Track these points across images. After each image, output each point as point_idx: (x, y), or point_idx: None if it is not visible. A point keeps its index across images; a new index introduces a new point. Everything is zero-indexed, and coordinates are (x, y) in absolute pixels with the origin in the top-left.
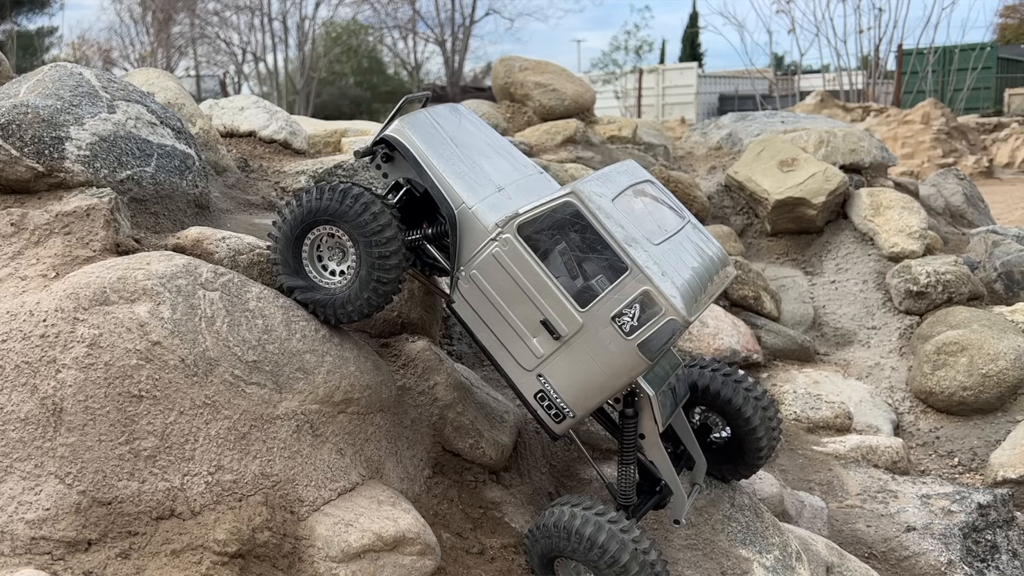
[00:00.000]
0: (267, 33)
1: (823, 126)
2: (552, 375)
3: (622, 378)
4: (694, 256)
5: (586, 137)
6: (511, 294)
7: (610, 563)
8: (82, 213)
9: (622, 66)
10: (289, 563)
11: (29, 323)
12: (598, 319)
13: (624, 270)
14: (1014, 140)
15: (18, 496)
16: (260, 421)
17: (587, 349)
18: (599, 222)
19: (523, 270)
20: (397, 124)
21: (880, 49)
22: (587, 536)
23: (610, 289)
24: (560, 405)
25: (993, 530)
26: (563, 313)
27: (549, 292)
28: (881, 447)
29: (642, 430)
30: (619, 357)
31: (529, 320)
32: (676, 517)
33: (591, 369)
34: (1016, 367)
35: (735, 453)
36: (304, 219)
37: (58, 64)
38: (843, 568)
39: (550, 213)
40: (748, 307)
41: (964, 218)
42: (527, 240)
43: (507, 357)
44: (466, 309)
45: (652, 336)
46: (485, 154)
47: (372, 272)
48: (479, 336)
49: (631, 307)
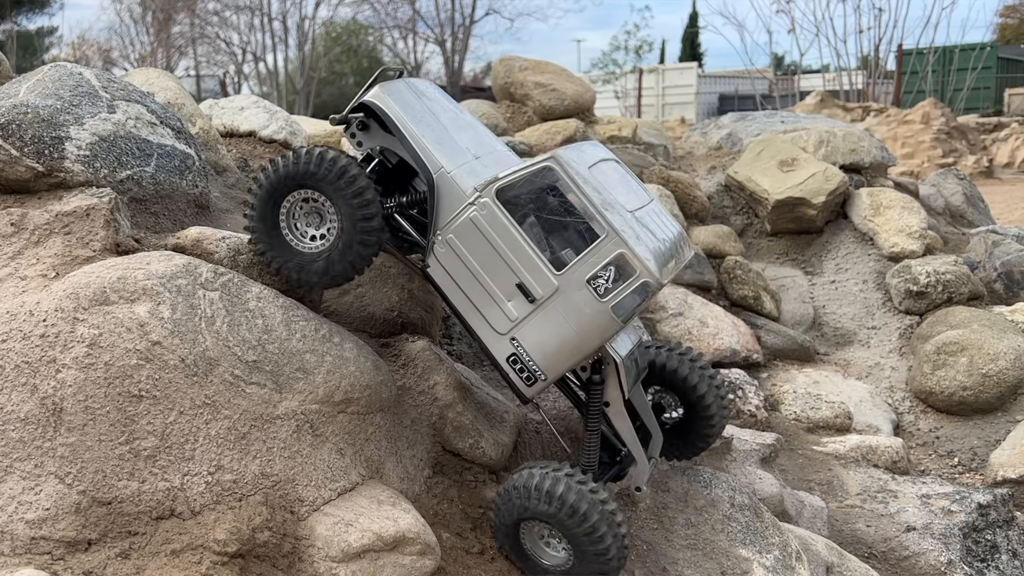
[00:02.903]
0: (267, 33)
1: (823, 126)
2: (525, 338)
3: (595, 340)
4: (661, 228)
5: (586, 137)
6: (487, 258)
7: (579, 522)
8: (82, 213)
9: (622, 66)
10: (289, 563)
11: (29, 323)
12: (573, 282)
13: (601, 233)
14: (1014, 140)
15: (18, 496)
16: (260, 421)
17: (561, 311)
18: (578, 187)
19: (500, 234)
20: (376, 91)
21: (880, 49)
22: (557, 495)
23: (587, 252)
24: (532, 368)
25: (993, 530)
26: (539, 276)
27: (525, 255)
28: (881, 447)
29: (607, 398)
30: (593, 319)
31: (504, 283)
32: (638, 484)
33: (565, 331)
34: (1016, 367)
35: (686, 432)
36: (282, 183)
37: (58, 64)
38: (843, 568)
39: (530, 178)
40: (748, 307)
41: (964, 218)
42: (505, 204)
43: (481, 321)
44: (441, 274)
45: (626, 298)
46: (459, 126)
47: (355, 236)
48: (453, 300)
49: (606, 270)
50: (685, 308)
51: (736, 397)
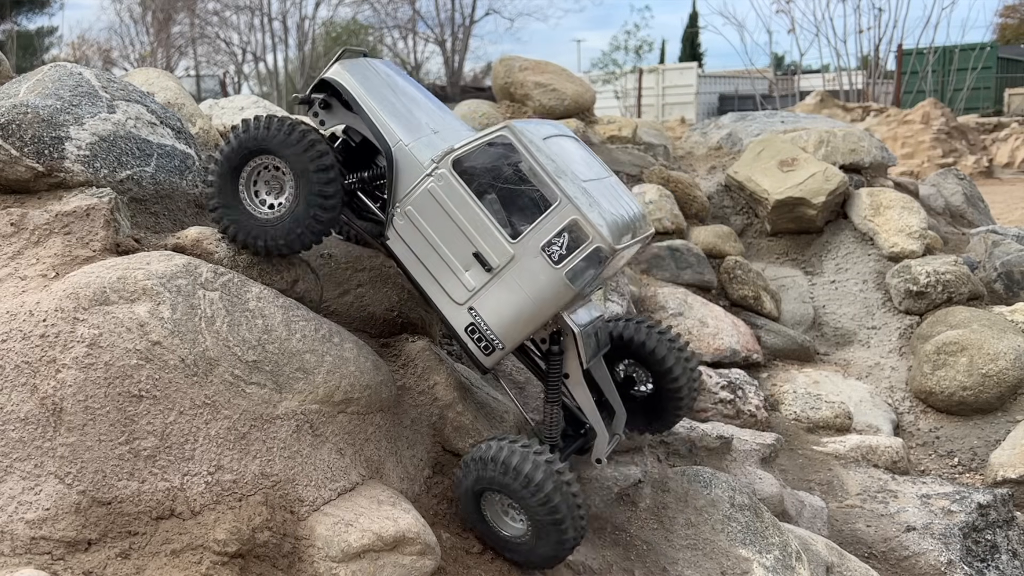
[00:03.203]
0: (267, 33)
1: (823, 126)
2: (483, 308)
3: (550, 307)
4: (618, 201)
5: (586, 137)
6: (445, 228)
7: (534, 492)
8: (82, 213)
9: (622, 66)
10: (289, 563)
11: (29, 323)
12: (528, 249)
13: (554, 201)
14: (1014, 140)
15: (18, 496)
16: (260, 421)
17: (518, 280)
18: (531, 155)
19: (457, 204)
20: (336, 67)
21: (880, 49)
22: (514, 466)
23: (541, 219)
24: (490, 337)
25: (993, 530)
26: (495, 245)
27: (482, 225)
28: (881, 447)
29: (567, 369)
30: (548, 286)
31: (462, 253)
32: (598, 456)
33: (521, 300)
34: (1016, 367)
35: (657, 406)
36: (246, 147)
37: (58, 64)
38: (843, 568)
39: (485, 147)
40: (748, 307)
41: (964, 218)
42: (462, 175)
43: (439, 292)
44: (400, 246)
45: (579, 264)
46: (419, 103)
47: (310, 208)
48: (413, 272)
49: (560, 236)
50: (685, 308)
51: (736, 397)
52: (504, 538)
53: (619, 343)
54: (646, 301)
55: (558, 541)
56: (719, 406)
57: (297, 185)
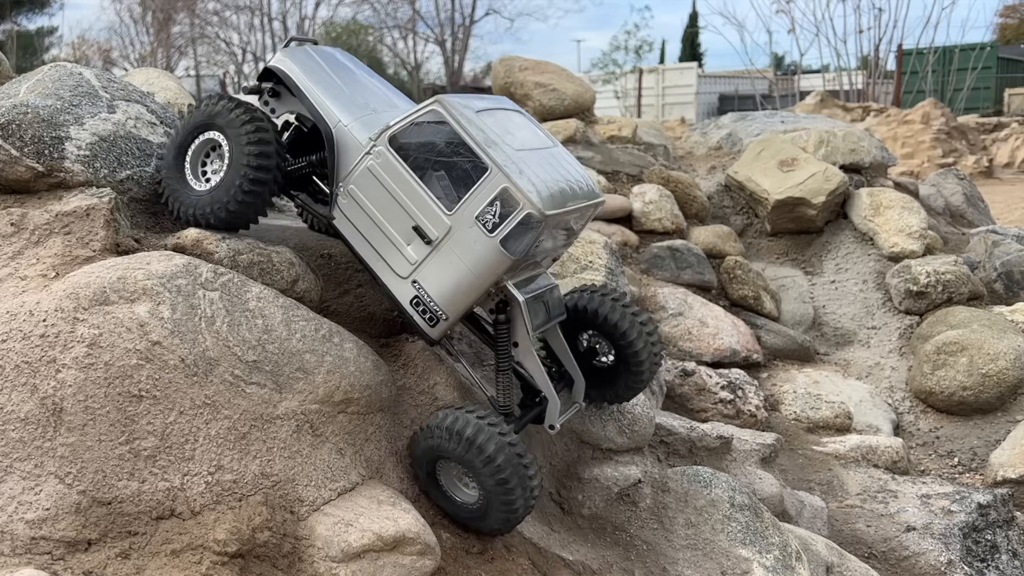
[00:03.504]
0: (267, 33)
1: (823, 126)
2: (426, 280)
3: (488, 276)
4: (558, 170)
5: (586, 137)
6: (385, 204)
7: (486, 462)
8: (82, 213)
9: (622, 66)
10: (289, 563)
11: (29, 323)
12: (464, 220)
13: (485, 170)
14: (1014, 140)
15: (18, 496)
16: (260, 421)
17: (456, 251)
18: (461, 126)
19: (395, 179)
20: (278, 55)
21: (880, 49)
22: (467, 436)
23: (473, 189)
24: (434, 309)
25: (993, 530)
26: (433, 217)
27: (419, 198)
28: (881, 447)
29: (515, 338)
30: (484, 255)
31: (403, 228)
32: (551, 423)
33: (460, 270)
34: (1016, 367)
35: (618, 377)
36: (194, 123)
37: (58, 64)
38: (843, 568)
39: (418, 121)
40: (748, 307)
41: (964, 218)
42: (398, 151)
43: (384, 267)
44: (345, 224)
45: (512, 231)
46: (360, 85)
47: (236, 179)
48: (359, 250)
49: (492, 205)
50: (685, 308)
51: (736, 397)
52: (457, 503)
53: (581, 314)
54: (646, 301)
55: (508, 511)
56: (719, 406)
57: (231, 158)
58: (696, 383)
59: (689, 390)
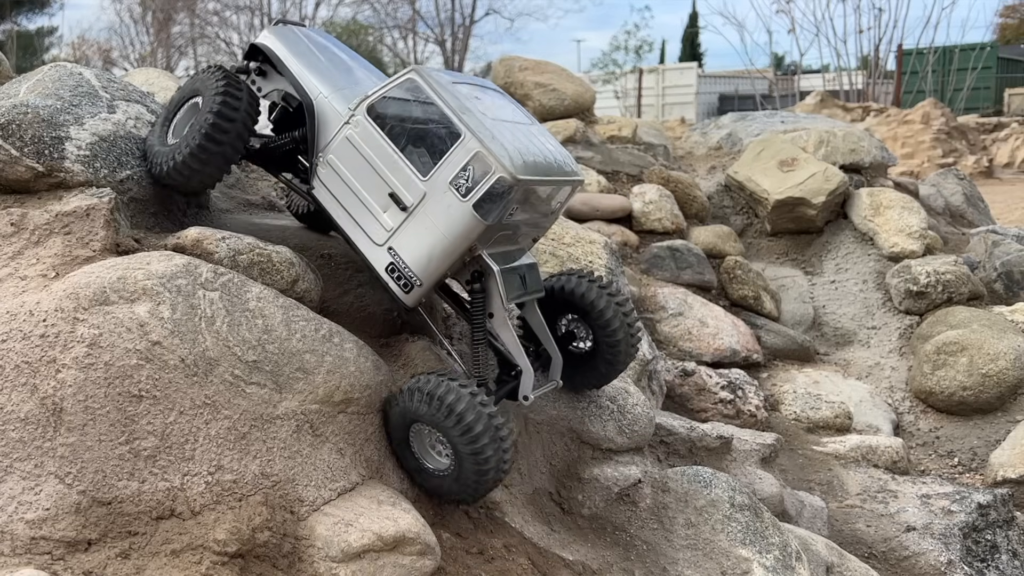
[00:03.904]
0: None
1: (823, 126)
2: (401, 247)
3: (462, 242)
4: (534, 144)
5: (586, 137)
6: (363, 172)
7: (463, 429)
8: (82, 213)
9: (622, 66)
10: (289, 563)
11: (29, 323)
12: (438, 186)
13: (458, 136)
14: (1014, 140)
15: (18, 496)
16: (260, 421)
17: (431, 217)
18: (437, 93)
19: (373, 148)
20: (264, 32)
21: (880, 49)
22: (447, 403)
23: (447, 155)
24: (408, 275)
25: (993, 530)
26: (408, 184)
27: (395, 165)
28: (881, 447)
29: (490, 309)
30: (458, 220)
31: (379, 195)
32: (524, 393)
33: (435, 236)
34: (1016, 367)
35: (594, 362)
36: (182, 94)
37: (58, 64)
38: (843, 568)
39: (395, 90)
40: (748, 307)
41: (964, 218)
42: (376, 119)
43: (361, 235)
44: (324, 193)
45: (485, 195)
46: (343, 61)
47: (194, 132)
48: (337, 218)
49: (466, 170)
50: (685, 308)
51: (736, 397)
52: (428, 470)
53: (562, 295)
54: (646, 301)
55: (479, 480)
56: (719, 406)
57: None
58: (696, 383)
59: (689, 390)
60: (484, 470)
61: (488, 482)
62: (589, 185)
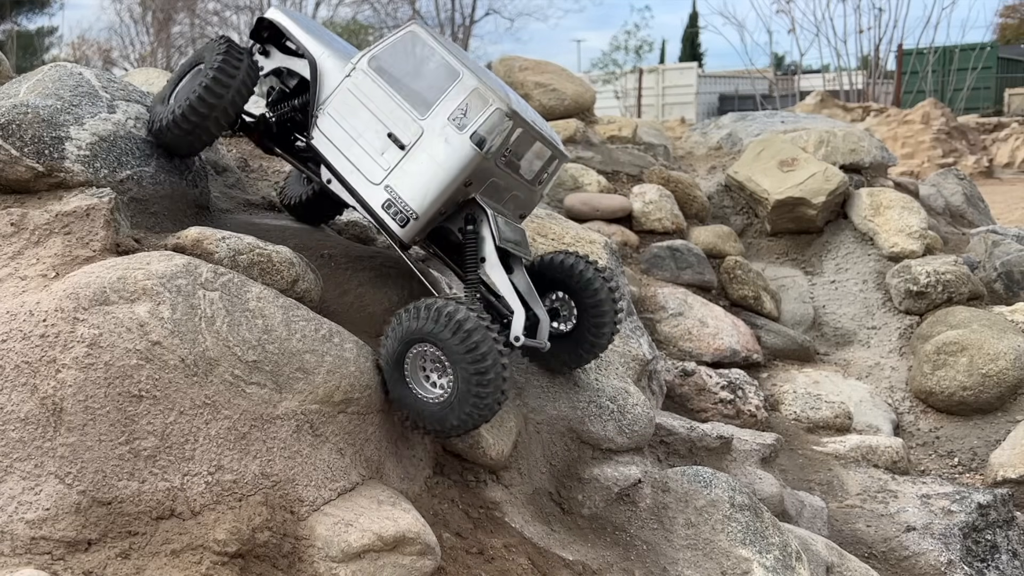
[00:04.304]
0: None
1: (823, 126)
2: (398, 184)
3: (459, 174)
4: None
5: (586, 137)
6: (362, 118)
7: (470, 348)
8: (82, 213)
9: (622, 66)
10: (289, 563)
11: (29, 323)
12: (436, 123)
13: (457, 75)
14: (1014, 140)
15: (18, 496)
16: (260, 421)
17: (428, 151)
18: (436, 40)
19: (372, 94)
20: (270, 10)
21: (880, 49)
22: (456, 319)
23: (446, 93)
24: (405, 208)
25: (993, 530)
26: (406, 124)
27: (394, 108)
28: (881, 447)
29: (482, 253)
30: (455, 151)
31: (378, 137)
32: (516, 335)
33: (432, 170)
34: (1016, 367)
35: (576, 342)
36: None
37: (58, 64)
38: (843, 568)
39: (395, 43)
40: (748, 307)
41: (964, 218)
42: (377, 70)
43: (359, 177)
44: (323, 141)
45: (482, 126)
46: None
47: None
48: (334, 164)
49: (463, 106)
50: (685, 308)
51: (736, 397)
52: (417, 397)
53: (552, 270)
54: (646, 301)
55: (477, 406)
56: (719, 406)
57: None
58: (696, 383)
59: (689, 390)
60: (483, 394)
61: (486, 410)
62: (589, 185)
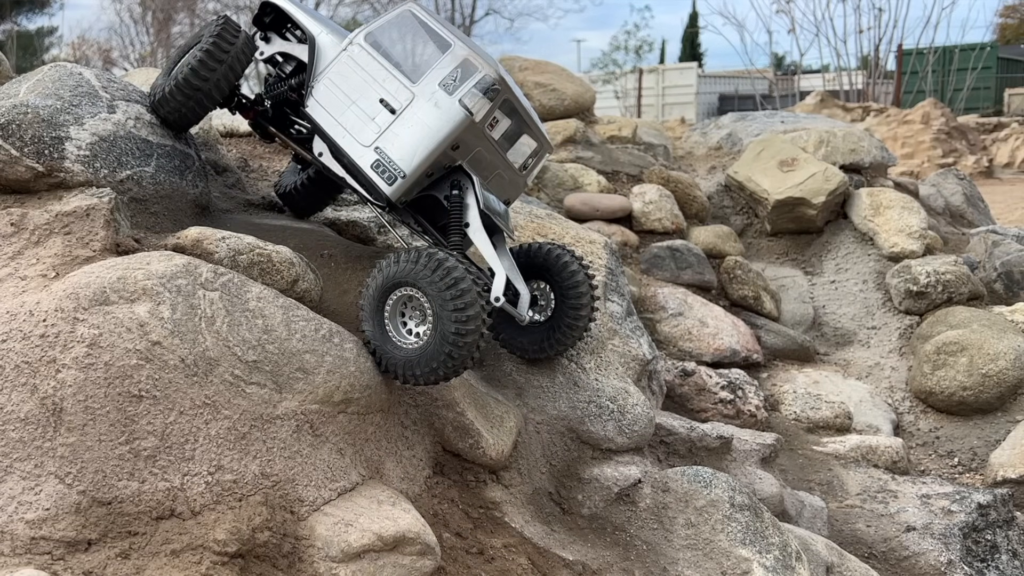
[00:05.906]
0: None
1: (823, 126)
2: (387, 145)
3: (447, 136)
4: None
5: (586, 137)
6: (357, 86)
7: (455, 296)
8: (82, 213)
9: (622, 66)
10: (289, 563)
11: (29, 323)
12: (427, 88)
13: (448, 46)
14: (1014, 140)
15: (18, 496)
16: (260, 421)
17: (418, 114)
18: (431, 17)
19: (367, 65)
20: None
21: (880, 49)
22: (444, 266)
23: (438, 62)
24: (393, 167)
25: (993, 530)
26: (398, 89)
27: (387, 76)
28: (881, 447)
29: (467, 219)
30: (444, 112)
31: (370, 103)
32: (495, 295)
33: (421, 130)
34: (1016, 367)
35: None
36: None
37: (58, 64)
38: (843, 568)
39: (392, 20)
40: (748, 307)
41: (964, 218)
42: (373, 45)
43: (351, 140)
44: (317, 109)
45: (470, 91)
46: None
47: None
48: (328, 130)
49: (454, 73)
50: (685, 308)
51: (736, 397)
52: (393, 342)
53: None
54: (646, 301)
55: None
56: (719, 406)
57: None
58: (696, 383)
59: (689, 390)
60: (461, 344)
61: (458, 360)
62: (589, 185)
